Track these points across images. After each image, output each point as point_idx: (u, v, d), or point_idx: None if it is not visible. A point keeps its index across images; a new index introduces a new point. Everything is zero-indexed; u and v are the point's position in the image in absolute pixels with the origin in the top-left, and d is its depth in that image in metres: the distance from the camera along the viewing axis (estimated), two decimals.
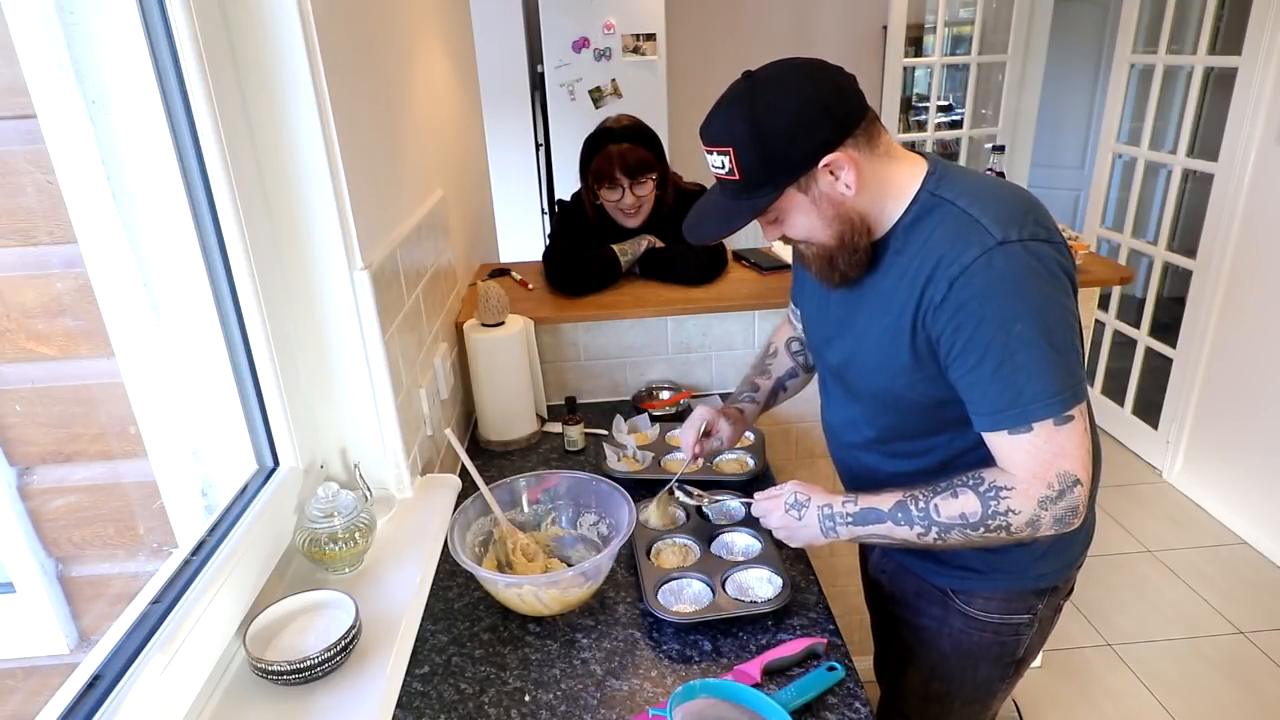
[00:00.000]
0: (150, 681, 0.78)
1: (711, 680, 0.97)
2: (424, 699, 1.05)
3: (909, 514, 1.04)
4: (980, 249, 0.94)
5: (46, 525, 1.03)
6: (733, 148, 0.97)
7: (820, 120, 0.95)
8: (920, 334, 1.01)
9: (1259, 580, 2.65)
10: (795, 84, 0.96)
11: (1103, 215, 3.57)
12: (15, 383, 0.98)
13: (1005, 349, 0.94)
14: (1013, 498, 0.98)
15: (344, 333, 1.19)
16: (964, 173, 1.05)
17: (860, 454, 1.23)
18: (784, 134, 0.95)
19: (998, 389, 0.96)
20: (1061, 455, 0.96)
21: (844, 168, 0.97)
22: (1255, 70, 2.67)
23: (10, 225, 0.92)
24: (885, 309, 1.05)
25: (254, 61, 1.01)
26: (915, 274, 1.00)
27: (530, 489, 1.36)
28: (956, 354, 0.98)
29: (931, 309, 0.98)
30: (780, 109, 0.95)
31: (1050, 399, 0.95)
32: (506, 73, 3.93)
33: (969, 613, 1.21)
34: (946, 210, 0.99)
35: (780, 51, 1.01)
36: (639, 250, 2.00)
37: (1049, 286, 0.95)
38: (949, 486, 1.03)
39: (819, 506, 1.11)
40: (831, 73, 0.98)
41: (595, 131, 2.01)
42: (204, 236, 0.98)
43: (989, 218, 0.96)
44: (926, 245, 0.99)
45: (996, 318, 0.94)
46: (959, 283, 0.95)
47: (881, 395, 1.13)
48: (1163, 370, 3.20)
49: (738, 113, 0.97)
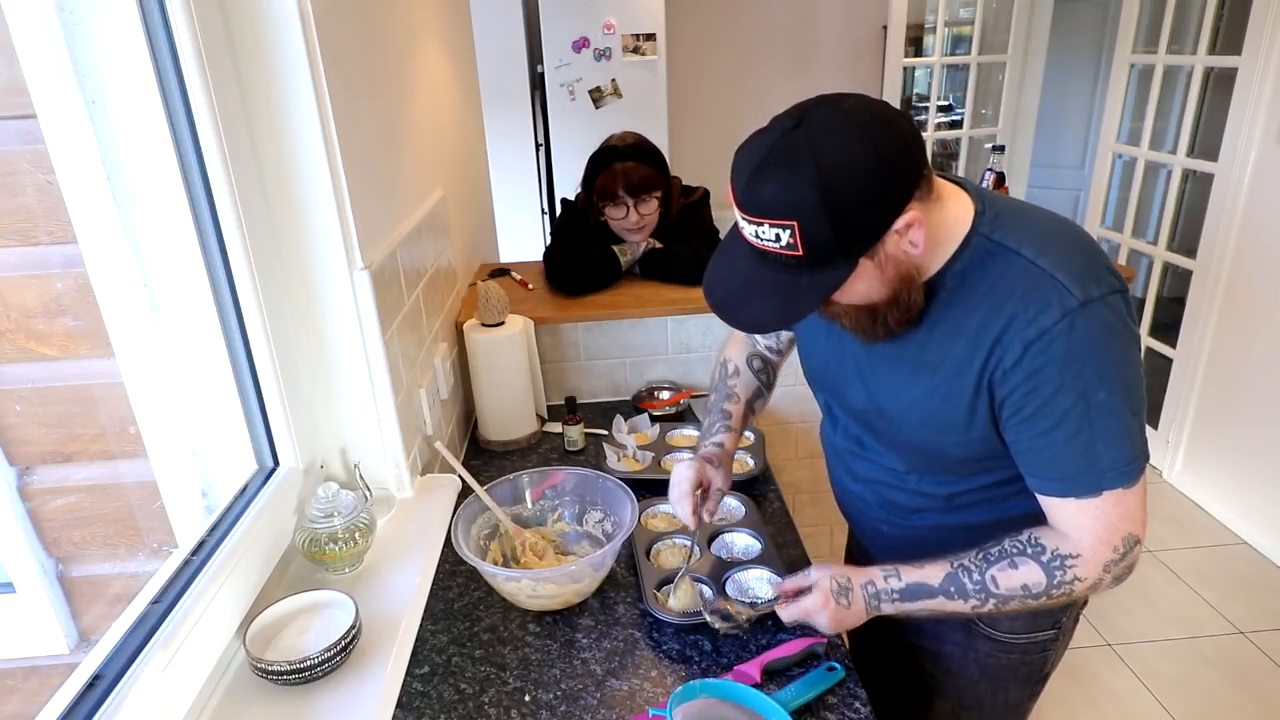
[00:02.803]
0: (150, 681, 0.78)
1: (711, 680, 0.97)
2: (424, 699, 1.05)
3: (963, 588, 0.96)
4: (1061, 311, 0.85)
5: (46, 525, 1.03)
6: (797, 221, 0.80)
7: (895, 175, 0.81)
8: (983, 396, 0.93)
9: (1259, 580, 2.65)
10: (861, 133, 0.80)
11: (1103, 215, 3.57)
12: (15, 383, 0.98)
13: (1084, 418, 0.87)
14: (1079, 566, 0.92)
15: (344, 333, 1.19)
16: (1017, 211, 0.94)
17: (878, 488, 1.15)
18: (860, 196, 0.80)
19: (1071, 456, 0.89)
20: (1127, 518, 0.91)
21: (914, 226, 0.84)
22: (1255, 70, 2.67)
23: (10, 225, 0.92)
24: (935, 365, 0.95)
25: (254, 61, 1.01)
26: (978, 331, 0.90)
27: (535, 485, 1.36)
28: (1025, 418, 0.90)
29: (1000, 371, 0.89)
30: (853, 166, 0.79)
31: (1126, 467, 0.89)
32: (506, 73, 3.93)
33: (995, 636, 1.15)
34: (1010, 260, 0.89)
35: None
36: (639, 250, 2.00)
37: (1131, 348, 0.88)
38: (1004, 555, 0.95)
39: (862, 586, 1.02)
40: (891, 114, 0.84)
41: (600, 149, 2.01)
42: (204, 236, 0.99)
43: (1064, 271, 0.86)
44: (989, 299, 0.89)
45: (1077, 386, 0.86)
46: (1035, 347, 0.86)
47: (921, 448, 1.04)
48: (1163, 370, 3.19)
49: (800, 177, 0.79)
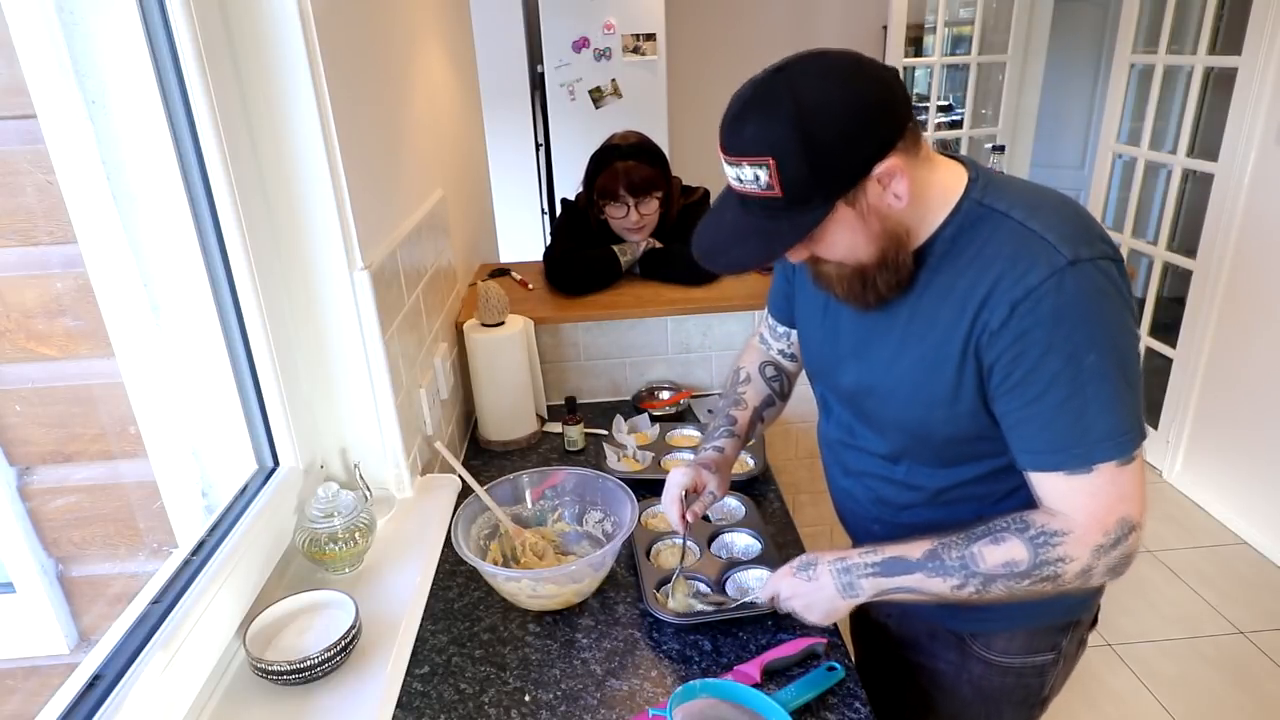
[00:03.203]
0: (150, 681, 0.78)
1: (711, 680, 0.97)
2: (424, 699, 1.05)
3: (943, 564, 0.92)
4: (1049, 269, 0.83)
5: (46, 525, 1.03)
6: (773, 158, 0.81)
7: (875, 120, 0.82)
8: (969, 362, 0.90)
9: (1259, 580, 2.65)
10: (842, 77, 0.82)
11: (1103, 215, 3.58)
12: (15, 383, 0.98)
13: (1074, 382, 0.84)
14: (1066, 544, 0.87)
15: (344, 333, 1.19)
16: (1009, 181, 0.94)
17: (868, 481, 1.12)
18: (838, 137, 0.81)
19: (1062, 426, 0.86)
20: (1122, 499, 0.86)
21: (895, 175, 0.84)
22: (1255, 70, 2.67)
23: (10, 225, 0.92)
24: (922, 333, 0.93)
25: (254, 61, 1.01)
26: (965, 294, 0.88)
27: (535, 485, 1.36)
28: (1013, 385, 0.87)
29: (987, 334, 0.87)
30: (831, 107, 0.80)
31: (1120, 437, 0.84)
32: (506, 73, 3.93)
33: (989, 658, 1.11)
34: (999, 222, 0.88)
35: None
36: (639, 250, 2.00)
37: (1124, 312, 0.85)
38: (988, 531, 0.91)
39: (830, 562, 1.00)
40: (875, 65, 0.85)
41: (601, 148, 2.01)
42: (204, 236, 0.99)
43: (1055, 233, 0.84)
44: (977, 261, 0.88)
45: (1066, 348, 0.83)
46: (1023, 306, 0.83)
47: (909, 427, 1.01)
48: (1163, 370, 3.19)
49: (778, 115, 0.81)
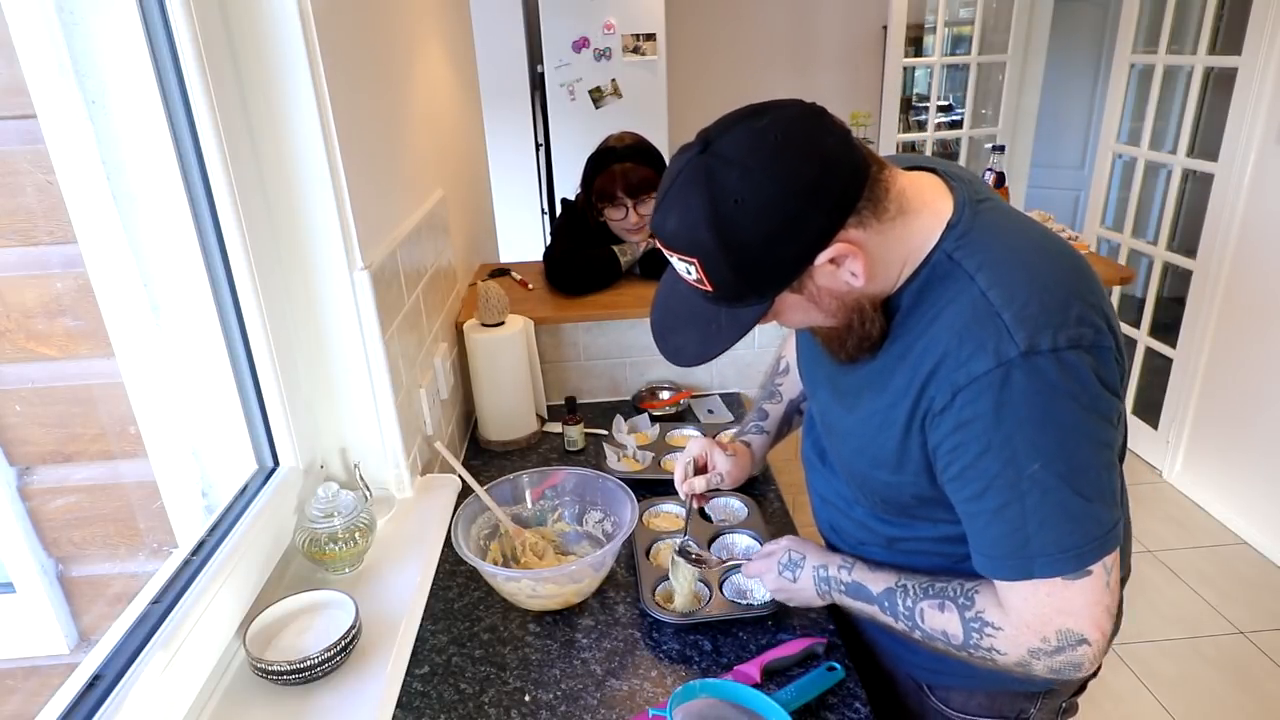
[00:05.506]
0: (150, 681, 0.78)
1: (711, 680, 0.97)
2: (424, 699, 1.05)
3: (895, 608, 0.91)
4: (994, 359, 0.73)
5: (46, 525, 1.03)
6: (698, 260, 0.76)
7: (806, 211, 0.73)
8: (914, 435, 0.83)
9: (1259, 580, 2.65)
10: (769, 159, 0.72)
11: (1103, 215, 3.57)
12: (15, 383, 0.98)
13: (1013, 490, 0.76)
14: (998, 639, 0.82)
15: (344, 333, 1.19)
16: (994, 229, 0.81)
17: (830, 510, 1.08)
18: (761, 240, 0.73)
19: (997, 534, 0.79)
20: (1063, 613, 0.78)
21: (848, 258, 0.76)
22: (1255, 70, 2.67)
23: (10, 225, 0.92)
24: (879, 388, 0.86)
25: (254, 61, 1.01)
26: (917, 361, 0.80)
27: (535, 485, 1.36)
28: (954, 475, 0.80)
29: (931, 414, 0.79)
30: (751, 204, 0.72)
31: (1061, 554, 0.76)
32: (506, 73, 3.93)
33: (946, 713, 1.05)
34: (963, 286, 0.78)
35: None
36: (639, 250, 2.00)
37: (1082, 415, 0.74)
38: (940, 593, 0.87)
39: (814, 567, 1.00)
40: (814, 134, 0.74)
41: (598, 150, 2.02)
42: (204, 236, 0.99)
43: (1013, 311, 0.74)
44: (933, 328, 0.79)
45: (1005, 452, 0.75)
46: (964, 394, 0.75)
47: (856, 477, 0.96)
48: (1163, 370, 3.19)
49: (698, 214, 0.73)
